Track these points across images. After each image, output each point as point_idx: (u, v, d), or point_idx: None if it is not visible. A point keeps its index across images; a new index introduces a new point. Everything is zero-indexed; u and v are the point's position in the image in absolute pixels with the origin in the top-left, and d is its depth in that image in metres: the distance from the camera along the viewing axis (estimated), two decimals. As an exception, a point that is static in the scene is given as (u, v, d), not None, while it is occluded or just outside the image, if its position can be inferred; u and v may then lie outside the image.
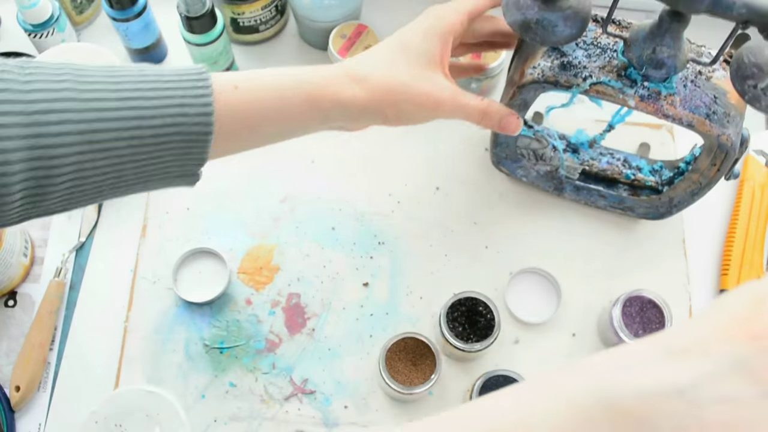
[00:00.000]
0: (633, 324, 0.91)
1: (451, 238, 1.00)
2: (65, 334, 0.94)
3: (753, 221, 1.00)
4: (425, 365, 0.88)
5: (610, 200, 0.99)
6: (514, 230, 1.01)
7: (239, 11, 1.03)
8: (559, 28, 0.74)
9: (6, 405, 0.89)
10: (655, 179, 0.99)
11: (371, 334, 0.95)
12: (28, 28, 1.00)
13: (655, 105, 0.78)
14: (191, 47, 0.99)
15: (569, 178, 0.99)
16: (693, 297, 0.99)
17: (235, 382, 0.92)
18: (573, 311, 0.97)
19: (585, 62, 0.80)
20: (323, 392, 0.92)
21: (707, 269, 1.01)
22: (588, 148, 1.00)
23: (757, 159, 1.03)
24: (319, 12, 1.03)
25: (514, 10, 0.75)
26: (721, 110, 0.79)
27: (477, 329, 0.89)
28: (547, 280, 0.98)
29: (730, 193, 1.04)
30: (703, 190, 0.90)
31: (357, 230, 1.00)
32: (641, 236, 1.01)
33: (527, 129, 1.01)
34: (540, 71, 0.80)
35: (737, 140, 0.80)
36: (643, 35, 0.75)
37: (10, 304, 0.95)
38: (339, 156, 1.04)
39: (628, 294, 0.91)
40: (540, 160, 1.00)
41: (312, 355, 0.94)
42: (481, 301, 0.89)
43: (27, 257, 0.96)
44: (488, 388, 0.86)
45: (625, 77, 0.79)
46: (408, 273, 0.98)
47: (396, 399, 0.92)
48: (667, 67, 0.76)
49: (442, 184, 1.03)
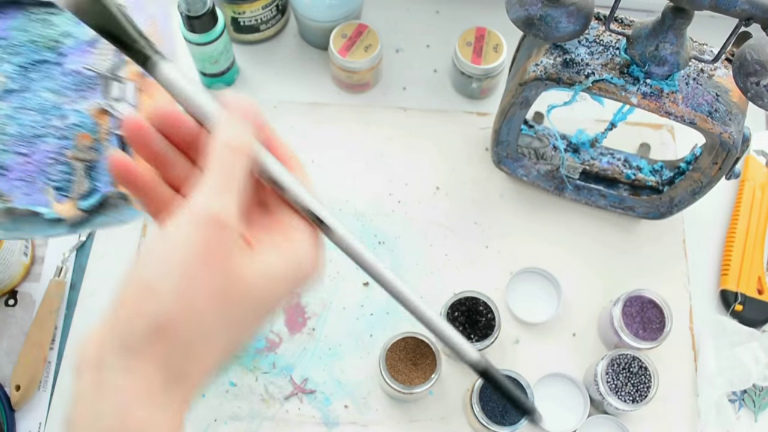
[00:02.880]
0: (633, 324, 0.91)
1: (451, 238, 1.00)
2: (65, 333, 0.94)
3: (753, 221, 1.00)
4: (425, 365, 0.88)
5: (610, 200, 1.00)
6: (515, 230, 1.01)
7: (240, 11, 1.03)
8: (562, 24, 0.74)
9: (6, 404, 0.89)
10: (655, 179, 0.99)
11: (371, 333, 0.95)
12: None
13: (658, 102, 0.78)
14: (192, 47, 0.99)
15: (570, 177, 0.99)
16: (693, 297, 0.99)
17: (235, 381, 0.92)
18: (573, 311, 0.97)
19: (587, 59, 0.80)
20: (323, 392, 0.92)
21: (707, 269, 1.01)
22: (589, 148, 1.01)
23: (758, 159, 1.03)
24: (319, 11, 1.03)
25: (517, 6, 0.75)
26: (723, 108, 0.79)
27: (477, 329, 0.89)
28: (547, 279, 0.97)
29: (731, 194, 1.04)
30: (704, 189, 0.90)
31: (357, 230, 1.00)
32: (642, 236, 1.01)
33: (528, 128, 1.01)
34: (542, 68, 0.81)
35: (739, 138, 0.80)
36: (646, 32, 0.75)
37: (11, 303, 0.95)
38: (339, 156, 1.04)
39: (628, 294, 0.91)
40: (541, 159, 1.00)
41: (312, 355, 0.94)
42: (481, 301, 0.89)
43: (27, 256, 0.96)
44: (488, 387, 0.86)
45: (628, 74, 0.79)
46: (408, 273, 0.98)
47: (396, 399, 0.92)
48: (669, 64, 0.76)
49: (442, 184, 1.03)
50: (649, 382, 0.87)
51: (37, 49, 0.69)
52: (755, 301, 0.97)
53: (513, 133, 0.95)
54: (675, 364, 0.95)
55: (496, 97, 1.07)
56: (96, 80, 0.69)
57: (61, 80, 0.69)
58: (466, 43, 1.02)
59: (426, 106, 1.08)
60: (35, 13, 0.69)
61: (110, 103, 0.68)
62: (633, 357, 0.88)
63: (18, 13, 0.69)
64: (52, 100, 0.69)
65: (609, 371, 0.88)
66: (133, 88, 0.68)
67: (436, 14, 1.15)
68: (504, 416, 0.86)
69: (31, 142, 0.68)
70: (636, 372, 0.88)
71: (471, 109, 1.08)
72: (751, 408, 0.94)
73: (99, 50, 0.69)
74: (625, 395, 0.87)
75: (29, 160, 0.68)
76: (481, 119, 1.07)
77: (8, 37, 0.69)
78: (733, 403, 0.94)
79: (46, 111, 0.68)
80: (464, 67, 1.02)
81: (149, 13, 0.68)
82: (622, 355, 0.88)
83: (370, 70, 1.04)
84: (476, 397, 0.85)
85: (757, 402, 0.94)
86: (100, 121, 0.68)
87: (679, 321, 0.96)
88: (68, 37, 0.69)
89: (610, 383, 0.88)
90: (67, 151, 0.68)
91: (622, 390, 0.87)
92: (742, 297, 0.96)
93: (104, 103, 0.68)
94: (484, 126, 1.06)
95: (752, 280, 0.97)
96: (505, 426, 0.85)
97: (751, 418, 0.94)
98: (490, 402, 0.86)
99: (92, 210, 0.67)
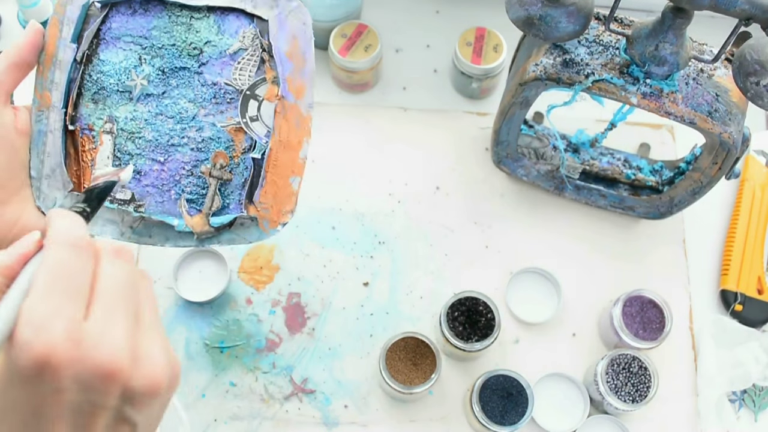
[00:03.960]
0: (633, 324, 0.91)
1: (451, 238, 1.00)
2: (64, 333, 0.94)
3: (753, 221, 1.00)
4: (425, 365, 0.88)
5: (610, 200, 1.00)
6: (515, 230, 1.01)
7: (240, 11, 1.03)
8: (562, 24, 0.74)
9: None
10: (655, 179, 0.99)
11: (371, 333, 0.95)
12: (28, 27, 0.99)
13: (658, 102, 0.78)
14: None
15: (570, 177, 0.99)
16: (693, 297, 0.99)
17: (235, 381, 0.92)
18: (573, 311, 0.97)
19: (587, 59, 0.80)
20: (323, 392, 0.92)
21: (707, 269, 1.01)
22: (589, 148, 1.01)
23: (758, 159, 1.03)
24: (319, 11, 1.02)
25: (517, 6, 0.75)
26: (723, 108, 0.79)
27: (477, 329, 0.89)
28: (547, 279, 0.97)
29: (731, 194, 1.04)
30: (704, 189, 0.90)
31: (357, 230, 1.00)
32: (641, 236, 1.01)
33: (528, 128, 1.01)
34: (542, 68, 0.81)
35: (739, 138, 0.80)
36: (645, 32, 0.75)
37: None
38: (339, 156, 1.04)
39: (628, 294, 0.91)
40: (541, 159, 1.00)
41: (312, 355, 0.94)
42: (481, 301, 0.89)
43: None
44: (488, 387, 0.86)
45: (628, 74, 0.79)
46: (408, 273, 0.98)
47: (396, 399, 0.92)
48: (669, 64, 0.76)
49: (442, 184, 1.03)
50: (649, 382, 0.87)
51: (178, 54, 0.68)
52: (755, 301, 0.97)
53: (513, 133, 0.95)
54: (675, 364, 0.95)
55: (496, 97, 1.07)
56: (235, 96, 0.68)
57: (199, 90, 0.68)
58: (466, 43, 1.02)
59: (426, 106, 1.08)
60: (179, 16, 0.68)
61: (246, 122, 0.68)
62: (633, 357, 0.88)
63: (162, 13, 0.68)
64: (189, 110, 0.68)
65: (609, 371, 0.88)
66: (271, 110, 0.67)
67: (436, 14, 1.15)
68: (504, 416, 0.86)
69: (167, 151, 0.68)
70: (636, 372, 0.88)
71: (471, 109, 1.08)
72: (751, 408, 0.94)
73: (240, 65, 0.68)
74: (625, 395, 0.87)
75: (164, 168, 0.68)
76: (481, 119, 1.07)
77: (150, 37, 0.68)
78: (733, 403, 0.94)
79: (183, 120, 0.68)
80: (464, 67, 1.02)
81: (291, 31, 0.66)
82: (622, 355, 0.88)
83: (370, 70, 1.04)
84: (476, 397, 0.85)
85: (757, 402, 0.94)
86: (236, 138, 0.68)
87: (679, 321, 0.96)
88: (210, 46, 0.68)
89: (610, 383, 0.88)
90: (201, 165, 0.68)
91: (622, 390, 0.87)
92: (742, 297, 0.96)
93: (241, 121, 0.67)
94: (484, 126, 1.06)
95: (752, 280, 0.97)
96: (505, 426, 0.85)
97: (751, 418, 0.94)
98: (490, 402, 0.86)
99: (221, 227, 0.67)
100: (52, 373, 0.39)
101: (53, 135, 0.66)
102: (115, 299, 0.42)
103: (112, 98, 0.67)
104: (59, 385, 0.39)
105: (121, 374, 0.40)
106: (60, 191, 0.66)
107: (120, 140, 0.68)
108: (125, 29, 0.67)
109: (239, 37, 0.67)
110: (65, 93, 0.66)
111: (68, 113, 0.66)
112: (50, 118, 0.66)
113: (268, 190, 0.66)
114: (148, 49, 0.68)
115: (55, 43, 0.65)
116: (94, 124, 0.67)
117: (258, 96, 0.67)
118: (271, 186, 0.66)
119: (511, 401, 0.86)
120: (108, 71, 0.67)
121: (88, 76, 0.67)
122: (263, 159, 0.66)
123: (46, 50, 0.65)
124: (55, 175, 0.66)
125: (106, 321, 0.41)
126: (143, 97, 0.68)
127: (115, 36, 0.67)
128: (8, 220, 0.62)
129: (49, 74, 0.66)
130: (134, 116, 0.68)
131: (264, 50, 0.67)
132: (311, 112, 0.66)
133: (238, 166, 0.68)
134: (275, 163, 0.66)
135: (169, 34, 0.68)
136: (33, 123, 0.65)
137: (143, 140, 0.68)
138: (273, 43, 0.66)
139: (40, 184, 0.65)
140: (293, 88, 0.66)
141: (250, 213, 0.67)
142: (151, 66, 0.68)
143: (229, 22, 0.67)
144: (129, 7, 0.67)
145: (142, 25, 0.67)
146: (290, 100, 0.66)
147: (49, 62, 0.65)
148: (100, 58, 0.67)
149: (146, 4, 0.67)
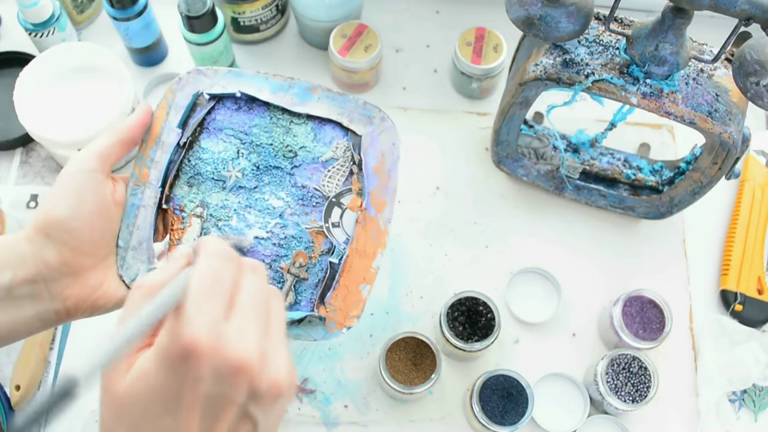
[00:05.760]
0: (633, 324, 0.91)
1: (451, 237, 1.00)
2: (65, 333, 0.94)
3: (753, 221, 1.00)
4: (425, 365, 0.88)
5: (610, 200, 1.00)
6: (515, 230, 1.01)
7: (240, 11, 1.03)
8: (562, 24, 0.74)
9: (6, 404, 0.88)
10: (655, 179, 0.99)
11: (371, 333, 0.95)
12: (29, 27, 0.99)
13: (658, 102, 0.78)
14: (192, 47, 0.99)
15: (570, 177, 0.99)
16: (693, 297, 0.99)
17: (235, 381, 0.92)
18: (573, 311, 0.97)
19: (587, 59, 0.80)
20: (323, 392, 0.92)
21: (707, 269, 1.01)
22: (589, 148, 1.01)
23: (758, 159, 1.03)
24: (319, 11, 1.03)
25: (517, 6, 0.75)
26: (723, 108, 0.79)
27: (477, 329, 0.89)
28: (547, 279, 0.97)
29: (731, 194, 1.04)
30: (704, 189, 0.90)
31: (357, 230, 1.00)
32: (641, 236, 1.01)
33: (528, 128, 1.01)
34: (542, 68, 0.81)
35: (739, 138, 0.80)
36: (646, 32, 0.75)
37: (9, 303, 0.95)
38: (339, 156, 1.04)
39: (628, 294, 0.91)
40: (541, 159, 1.00)
41: (312, 355, 0.94)
42: (481, 301, 0.89)
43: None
44: (488, 387, 0.86)
45: (628, 74, 0.79)
46: (408, 273, 0.98)
47: (396, 399, 0.92)
48: (669, 64, 0.76)
49: (442, 184, 1.03)
50: (649, 382, 0.87)
51: (274, 154, 0.71)
52: (755, 301, 0.97)
53: (513, 133, 0.95)
54: (675, 364, 0.95)
55: (496, 97, 1.07)
56: (321, 200, 0.71)
57: (289, 190, 0.71)
58: (466, 43, 1.02)
59: (426, 106, 1.08)
60: (280, 119, 0.71)
61: (329, 227, 0.71)
62: (633, 357, 0.88)
63: (264, 113, 0.71)
64: (277, 207, 0.71)
65: (609, 371, 0.88)
66: (353, 219, 0.71)
67: (436, 14, 1.15)
68: (504, 416, 0.86)
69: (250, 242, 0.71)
70: (636, 372, 0.88)
71: (471, 109, 1.08)
72: (751, 408, 0.94)
73: (330, 173, 0.71)
74: (625, 395, 0.87)
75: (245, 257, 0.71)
76: (481, 119, 1.07)
77: (250, 133, 0.71)
78: (733, 403, 0.94)
79: (270, 215, 0.71)
80: (464, 67, 1.02)
81: (380, 149, 0.70)
82: (622, 355, 0.88)
83: (370, 70, 1.04)
84: (476, 397, 0.85)
85: (757, 402, 0.94)
86: (316, 240, 0.70)
87: (679, 321, 0.96)
88: (305, 151, 0.71)
89: (610, 383, 0.88)
90: (281, 260, 0.70)
91: (622, 390, 0.87)
92: (742, 297, 0.96)
93: (324, 226, 0.70)
94: (484, 126, 1.06)
95: (752, 280, 0.97)
96: (505, 426, 0.85)
97: (751, 418, 0.94)
98: (490, 402, 0.86)
99: (291, 322, 0.69)
100: (196, 360, 0.44)
101: (146, 210, 0.69)
102: (251, 307, 0.48)
103: (207, 184, 0.71)
104: (199, 373, 0.45)
105: (251, 371, 0.46)
106: (143, 264, 0.69)
107: (207, 225, 0.71)
108: (228, 122, 0.71)
109: (333, 147, 0.71)
110: (164, 173, 0.69)
111: (164, 192, 0.70)
112: (145, 193, 0.69)
113: (339, 294, 0.69)
114: (247, 144, 0.71)
115: (161, 125, 0.70)
116: (185, 206, 0.71)
117: (342, 204, 0.71)
118: (343, 290, 0.69)
119: (511, 401, 0.86)
120: (207, 159, 0.71)
121: (188, 160, 0.71)
122: (339, 264, 0.69)
123: (151, 130, 0.69)
124: (141, 248, 0.69)
125: (243, 324, 0.47)
126: (236, 188, 0.71)
127: (218, 127, 0.71)
128: (92, 285, 0.66)
129: (151, 152, 0.69)
130: (225, 204, 0.71)
131: (354, 163, 0.70)
132: (389, 228, 0.71)
133: (315, 266, 0.70)
134: (349, 269, 0.70)
135: (269, 134, 0.71)
136: (128, 195, 0.69)
137: (229, 228, 0.70)
138: (363, 158, 0.70)
139: (126, 254, 0.68)
140: (375, 203, 0.70)
141: (320, 313, 0.69)
142: (247, 160, 0.71)
143: (325, 131, 0.71)
144: (235, 103, 0.71)
145: (245, 121, 0.71)
146: (371, 213, 0.70)
147: (152, 141, 0.69)
148: (201, 145, 0.71)
149: (251, 102, 0.72)
